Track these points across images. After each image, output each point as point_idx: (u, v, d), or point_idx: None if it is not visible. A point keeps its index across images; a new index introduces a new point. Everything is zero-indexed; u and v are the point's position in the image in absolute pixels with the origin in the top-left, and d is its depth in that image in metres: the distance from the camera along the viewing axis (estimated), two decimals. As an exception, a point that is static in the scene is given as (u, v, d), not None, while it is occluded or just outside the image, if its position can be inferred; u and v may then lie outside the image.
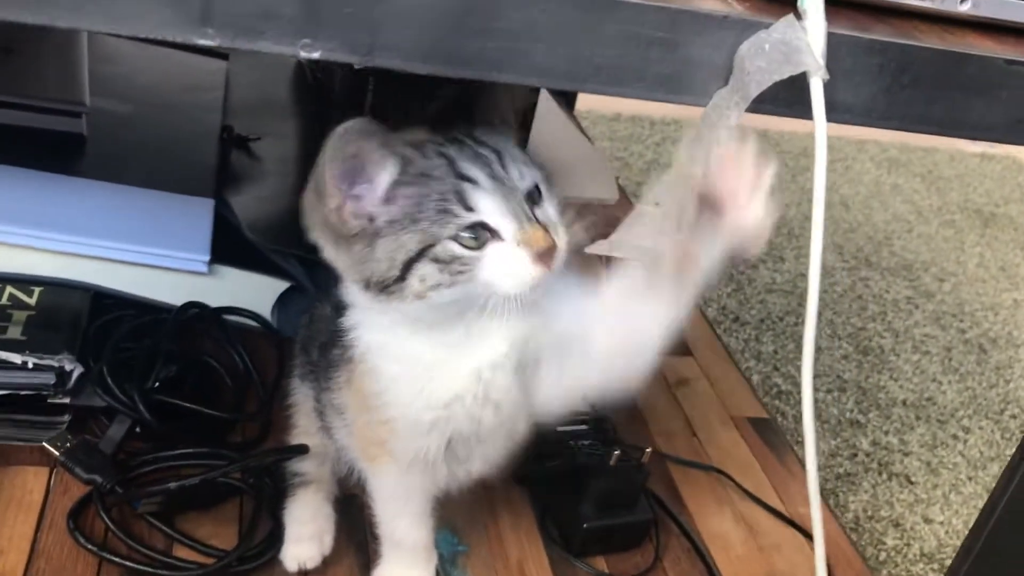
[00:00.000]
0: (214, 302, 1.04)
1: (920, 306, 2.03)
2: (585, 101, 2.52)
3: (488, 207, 0.65)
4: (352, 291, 0.73)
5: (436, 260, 0.65)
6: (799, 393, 1.65)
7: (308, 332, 0.93)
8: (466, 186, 0.65)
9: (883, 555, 1.38)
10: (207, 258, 1.02)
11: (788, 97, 0.55)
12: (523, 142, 0.75)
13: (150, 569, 0.84)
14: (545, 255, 0.65)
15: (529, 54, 0.51)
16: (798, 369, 1.73)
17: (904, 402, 1.71)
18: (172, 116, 1.21)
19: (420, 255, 0.65)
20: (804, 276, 2.04)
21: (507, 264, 0.65)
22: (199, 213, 1.05)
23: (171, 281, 1.02)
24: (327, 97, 1.36)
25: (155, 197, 1.06)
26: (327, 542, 0.89)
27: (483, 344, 0.72)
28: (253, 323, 1.07)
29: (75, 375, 0.93)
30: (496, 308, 0.66)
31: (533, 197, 0.68)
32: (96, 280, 1.00)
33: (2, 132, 1.09)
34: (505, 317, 0.67)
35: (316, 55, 0.50)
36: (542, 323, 0.71)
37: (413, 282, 0.66)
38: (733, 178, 0.60)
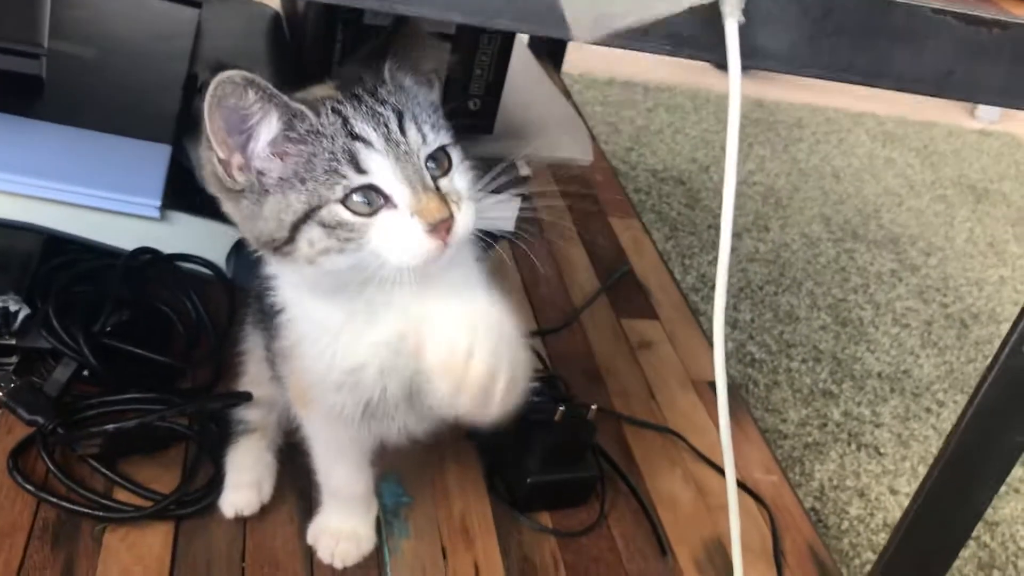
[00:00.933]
0: (168, 248, 1.04)
1: (904, 279, 2.01)
2: (579, 64, 2.50)
3: (381, 170, 0.62)
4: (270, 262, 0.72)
5: (323, 224, 0.62)
6: (773, 361, 1.65)
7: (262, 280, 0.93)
8: (358, 146, 0.62)
9: (845, 524, 1.38)
10: (158, 203, 1.01)
11: (707, 41, 0.54)
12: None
13: (86, 510, 0.84)
14: (439, 227, 0.63)
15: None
16: (774, 338, 1.72)
17: (879, 374, 1.70)
18: (136, 62, 1.19)
19: (306, 217, 0.63)
20: (787, 246, 2.05)
21: (398, 234, 0.63)
22: (154, 158, 1.04)
23: (124, 226, 1.02)
24: (298, 48, 1.35)
25: (111, 141, 1.05)
26: (266, 490, 0.89)
27: (385, 318, 0.69)
28: (206, 271, 1.07)
29: (21, 316, 0.93)
30: (389, 279, 0.64)
31: (440, 163, 0.65)
32: (48, 223, 1.00)
33: (-43, 73, 1.08)
34: (399, 289, 0.64)
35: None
36: (434, 317, 0.68)
37: (302, 245, 0.63)
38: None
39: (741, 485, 1.05)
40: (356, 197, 0.62)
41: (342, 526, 0.86)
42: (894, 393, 1.67)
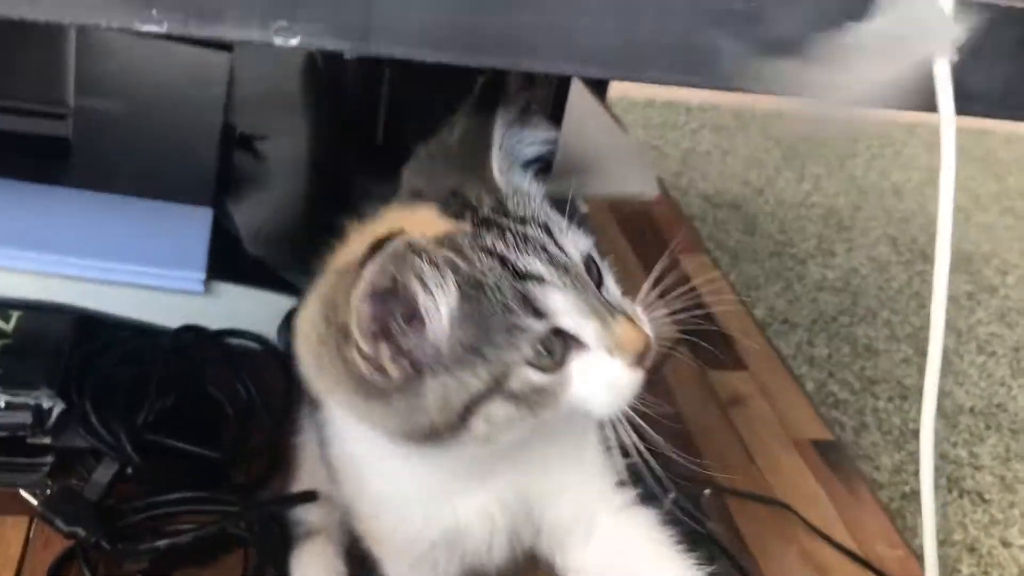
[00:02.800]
0: (213, 324, 0.94)
1: (983, 302, 1.89)
2: (616, 86, 2.39)
3: (563, 307, 0.50)
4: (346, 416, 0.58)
5: (512, 395, 0.50)
6: (858, 401, 1.53)
7: None
8: (530, 286, 0.50)
9: (958, 584, 1.25)
10: (203, 275, 0.91)
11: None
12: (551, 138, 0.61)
13: (138, 638, 0.74)
14: (642, 356, 0.51)
15: (571, 33, 0.39)
16: (855, 374, 1.60)
17: (972, 410, 1.58)
18: (168, 115, 1.10)
19: (489, 392, 0.50)
20: (856, 271, 1.92)
21: (601, 379, 0.51)
22: (195, 225, 0.95)
23: (164, 302, 0.92)
24: (339, 91, 1.25)
25: (146, 207, 0.95)
26: None
27: (491, 480, 0.58)
28: (257, 346, 0.96)
29: (56, 413, 0.83)
30: (584, 427, 0.54)
31: (591, 274, 0.53)
32: (80, 302, 0.90)
33: (-24, 138, 0.99)
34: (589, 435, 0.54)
35: (295, 41, 0.39)
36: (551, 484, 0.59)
37: (478, 425, 0.51)
38: None
39: (865, 563, 0.94)
40: (539, 350, 0.50)
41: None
42: (990, 430, 1.54)
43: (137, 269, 0.89)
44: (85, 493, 0.82)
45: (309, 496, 0.80)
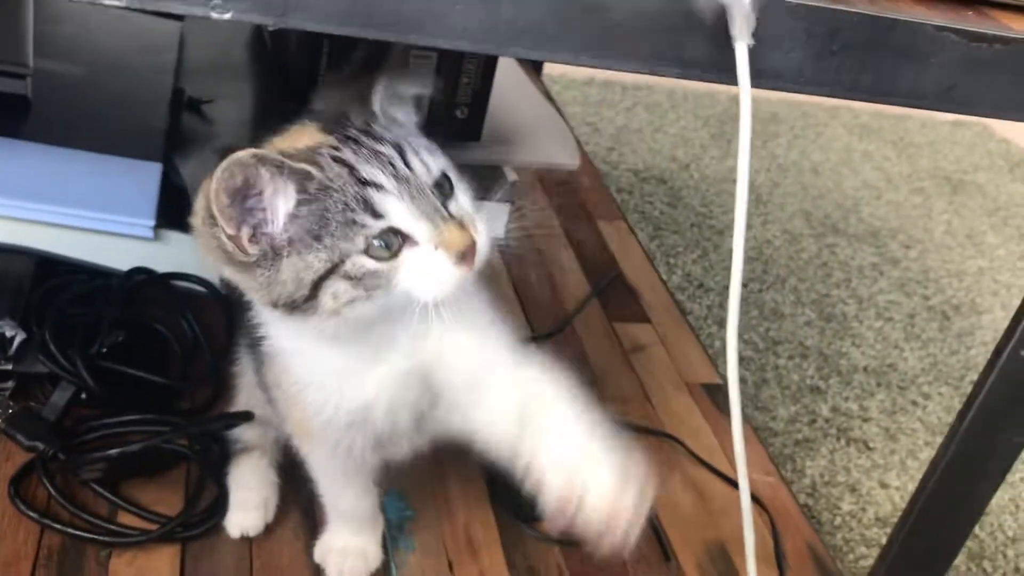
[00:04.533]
0: (162, 267, 1.03)
1: (885, 273, 2.03)
2: (557, 65, 2.50)
3: (397, 211, 0.62)
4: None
5: (348, 277, 0.61)
6: (760, 359, 1.67)
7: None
8: (370, 192, 0.61)
9: (838, 519, 1.39)
10: (153, 223, 1.00)
11: (716, 62, 0.55)
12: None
13: (92, 535, 0.84)
14: (466, 254, 0.63)
15: (447, 15, 0.50)
16: (760, 335, 1.74)
17: (865, 368, 1.72)
18: (122, 78, 1.19)
19: (329, 273, 0.61)
20: (769, 243, 2.06)
21: (426, 270, 0.62)
22: (146, 177, 1.04)
23: (117, 246, 1.01)
24: (282, 60, 1.34)
25: (101, 161, 1.04)
26: (271, 509, 0.89)
27: (391, 355, 0.69)
28: (201, 289, 1.06)
29: (17, 341, 0.92)
30: (417, 315, 0.63)
31: (443, 189, 0.65)
32: (40, 245, 0.99)
33: (-58, 95, 1.07)
34: (423, 323, 0.64)
35: (227, 16, 0.49)
36: (445, 350, 0.70)
37: (325, 300, 0.62)
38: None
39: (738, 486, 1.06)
40: (376, 242, 0.61)
41: (349, 544, 0.86)
42: (880, 387, 1.69)
43: (93, 215, 0.98)
44: (44, 413, 0.91)
45: (246, 416, 0.90)
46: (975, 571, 1.37)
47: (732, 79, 0.54)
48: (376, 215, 0.61)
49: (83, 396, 0.93)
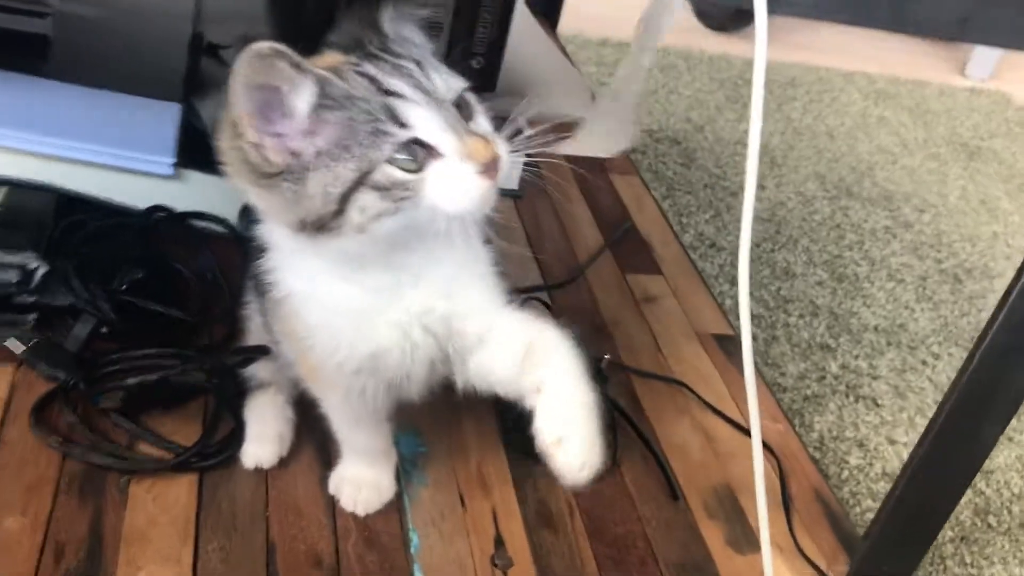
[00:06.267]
0: (181, 206, 1.04)
1: (898, 236, 2.03)
2: (571, 24, 2.49)
3: (422, 121, 0.62)
4: (275, 233, 0.70)
5: (376, 187, 0.61)
6: (771, 316, 1.67)
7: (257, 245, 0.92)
8: (394, 101, 0.61)
9: (845, 473, 1.40)
10: (172, 160, 1.01)
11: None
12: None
13: (111, 462, 0.86)
14: (490, 167, 0.63)
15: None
16: (771, 294, 1.74)
17: (876, 328, 1.73)
18: (141, 21, 1.19)
19: (358, 184, 0.61)
20: (783, 204, 2.06)
21: (452, 182, 0.62)
22: (165, 117, 1.05)
23: (137, 184, 1.02)
24: (300, 6, 1.35)
25: (121, 100, 1.05)
26: (286, 443, 0.91)
27: (409, 294, 0.70)
28: (219, 228, 1.07)
29: (39, 273, 0.94)
30: (445, 231, 0.64)
31: (462, 107, 0.65)
32: (62, 181, 1.00)
33: (-35, 33, 1.08)
34: (450, 242, 0.65)
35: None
36: (456, 293, 0.72)
37: (353, 214, 0.62)
38: None
39: (749, 433, 1.08)
40: (401, 155, 0.62)
41: (363, 475, 0.88)
42: (890, 346, 1.69)
43: (114, 152, 0.99)
44: (65, 344, 0.93)
45: (262, 350, 0.91)
46: (980, 526, 1.38)
47: (751, 4, 0.55)
48: (401, 124, 0.62)
49: (103, 330, 0.95)
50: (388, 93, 0.62)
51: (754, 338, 1.62)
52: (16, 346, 0.93)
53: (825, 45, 2.86)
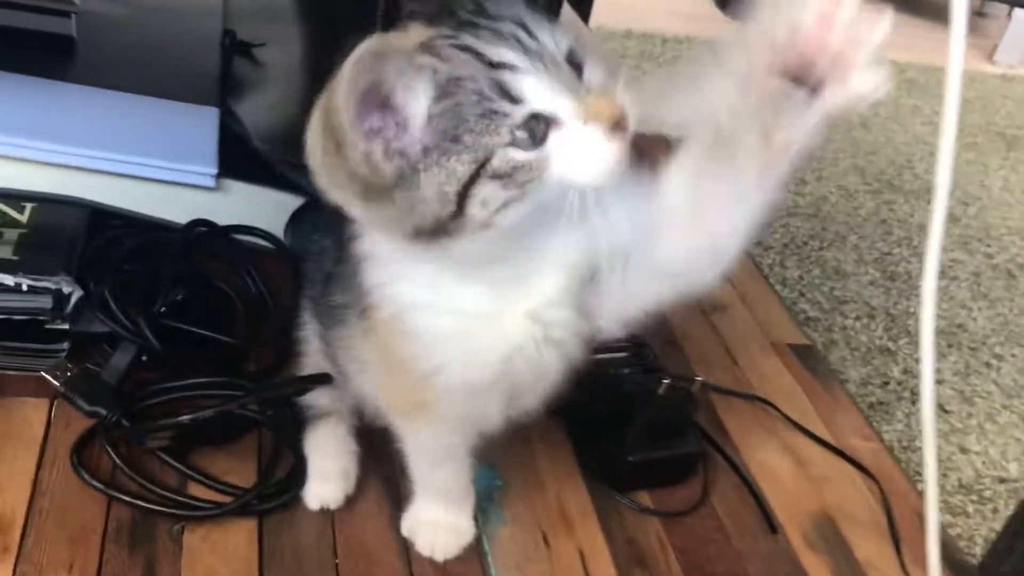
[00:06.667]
0: (223, 220, 0.96)
1: (947, 231, 1.95)
2: (594, 17, 2.41)
3: (536, 90, 0.53)
4: (380, 246, 0.62)
5: (497, 176, 0.54)
6: (827, 319, 1.59)
7: (315, 263, 0.82)
8: (504, 74, 0.53)
9: (920, 487, 1.32)
10: (214, 171, 0.93)
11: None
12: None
13: (164, 508, 0.77)
14: (619, 124, 0.54)
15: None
16: (824, 295, 1.66)
17: (935, 329, 1.64)
18: (169, 18, 1.11)
19: (476, 176, 0.53)
20: (825, 199, 1.98)
21: (580, 149, 0.54)
22: (204, 123, 0.97)
23: (176, 197, 0.94)
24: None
25: (155, 105, 0.97)
26: (352, 480, 0.82)
27: (539, 280, 0.62)
28: (265, 243, 0.99)
29: (74, 298, 0.85)
30: (578, 207, 0.55)
31: (575, 63, 0.56)
32: (93, 196, 0.92)
33: (-15, 34, 0.99)
34: (583, 219, 0.56)
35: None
36: (600, 236, 0.61)
37: (474, 210, 0.54)
38: (834, 40, 0.48)
39: (840, 453, 1.00)
40: (520, 133, 0.53)
41: (440, 517, 0.79)
42: (951, 348, 1.62)
43: (150, 163, 0.91)
44: (104, 376, 0.84)
45: (323, 378, 0.83)
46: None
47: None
48: (514, 100, 0.53)
49: (144, 358, 0.86)
50: (494, 66, 0.54)
51: (812, 343, 1.54)
52: (51, 378, 0.84)
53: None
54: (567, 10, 1.55)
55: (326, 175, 0.55)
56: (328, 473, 0.81)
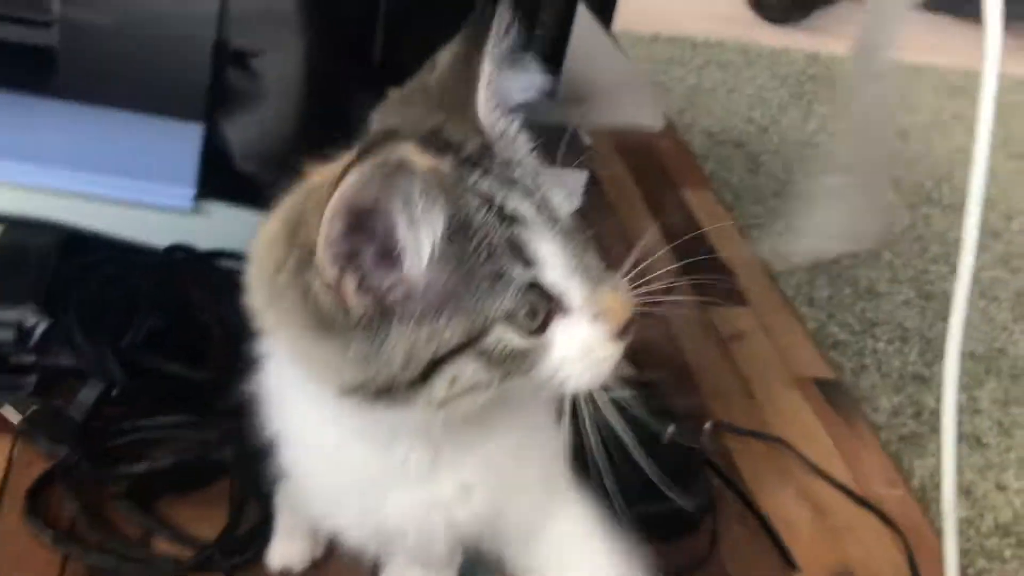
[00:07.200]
0: (202, 244, 0.91)
1: (987, 247, 1.86)
2: (621, 21, 2.34)
3: (551, 258, 0.45)
4: (283, 363, 0.54)
5: (484, 355, 0.45)
6: (858, 343, 1.51)
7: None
8: (517, 230, 0.45)
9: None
10: (192, 192, 0.88)
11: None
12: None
13: (118, 564, 0.71)
14: (626, 328, 0.48)
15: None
16: (855, 316, 1.58)
17: (972, 354, 1.56)
18: (157, 28, 1.05)
19: (462, 349, 0.45)
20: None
21: (583, 349, 0.47)
22: (185, 140, 0.92)
23: (153, 220, 0.89)
24: (336, 8, 1.21)
25: (135, 121, 0.92)
26: (321, 541, 0.75)
27: (445, 474, 0.54)
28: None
29: (39, 330, 0.80)
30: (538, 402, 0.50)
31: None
32: (66, 218, 0.87)
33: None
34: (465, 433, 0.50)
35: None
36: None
37: (438, 386, 0.45)
38: None
39: (863, 501, 0.93)
40: (520, 306, 0.45)
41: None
42: (990, 375, 1.53)
43: (125, 184, 0.86)
44: (70, 412, 0.80)
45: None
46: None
47: None
48: (525, 262, 0.45)
49: (113, 393, 0.81)
50: (509, 219, 0.45)
51: (840, 368, 1.46)
52: (12, 414, 0.79)
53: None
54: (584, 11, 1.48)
55: (269, 293, 0.47)
56: (295, 531, 0.75)
